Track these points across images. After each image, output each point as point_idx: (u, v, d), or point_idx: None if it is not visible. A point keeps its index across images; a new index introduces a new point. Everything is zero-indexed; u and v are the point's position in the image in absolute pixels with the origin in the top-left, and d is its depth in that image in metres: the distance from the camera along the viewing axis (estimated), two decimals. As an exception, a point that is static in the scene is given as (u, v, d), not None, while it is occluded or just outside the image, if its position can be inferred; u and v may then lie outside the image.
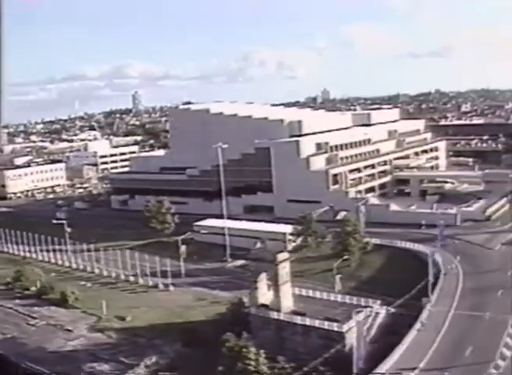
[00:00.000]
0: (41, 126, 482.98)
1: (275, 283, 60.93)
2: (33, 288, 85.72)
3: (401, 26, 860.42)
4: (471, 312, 58.02)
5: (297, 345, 57.17)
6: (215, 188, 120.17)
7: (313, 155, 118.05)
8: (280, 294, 60.63)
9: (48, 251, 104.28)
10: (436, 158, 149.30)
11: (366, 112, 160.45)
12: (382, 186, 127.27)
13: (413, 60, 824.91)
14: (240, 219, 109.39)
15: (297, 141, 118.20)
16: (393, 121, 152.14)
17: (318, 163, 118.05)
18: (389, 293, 66.84)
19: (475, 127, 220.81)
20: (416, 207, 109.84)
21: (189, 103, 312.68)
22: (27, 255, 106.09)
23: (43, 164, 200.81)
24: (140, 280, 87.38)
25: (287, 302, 61.46)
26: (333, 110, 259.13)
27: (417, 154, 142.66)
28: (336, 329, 55.31)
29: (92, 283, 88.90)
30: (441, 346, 50.74)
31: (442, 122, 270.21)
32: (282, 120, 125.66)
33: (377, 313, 58.97)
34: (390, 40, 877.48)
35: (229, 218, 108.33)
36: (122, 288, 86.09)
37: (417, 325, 54.94)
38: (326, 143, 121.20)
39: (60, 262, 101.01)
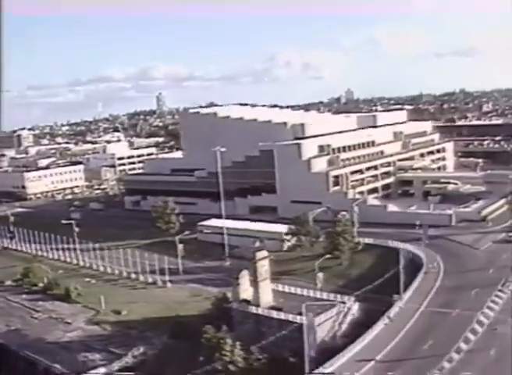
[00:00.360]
0: (67, 128, 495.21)
1: (254, 280, 64.54)
2: (41, 284, 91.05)
3: (427, 26, 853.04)
4: (441, 309, 60.68)
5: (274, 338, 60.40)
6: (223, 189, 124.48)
7: (314, 157, 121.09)
8: (259, 290, 64.31)
9: (58, 249, 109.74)
10: (443, 159, 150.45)
11: (372, 114, 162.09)
12: (386, 187, 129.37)
13: (438, 60, 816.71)
14: (243, 219, 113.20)
15: (299, 144, 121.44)
16: (400, 123, 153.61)
17: (320, 165, 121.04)
18: (376, 290, 69.66)
19: (491, 128, 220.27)
20: (415, 208, 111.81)
21: (212, 104, 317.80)
22: (39, 253, 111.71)
23: (63, 166, 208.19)
24: (141, 277, 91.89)
25: (266, 298, 65.07)
26: (356, 111, 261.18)
27: (422, 155, 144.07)
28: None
29: (96, 280, 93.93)
30: (402, 340, 53.71)
31: (461, 122, 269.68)
32: (285, 123, 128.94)
33: (349, 309, 61.99)
34: (416, 40, 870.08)
35: (235, 218, 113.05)
36: (123, 285, 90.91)
37: (385, 320, 57.88)
38: (328, 145, 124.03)
39: (68, 259, 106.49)
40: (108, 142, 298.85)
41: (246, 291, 66.07)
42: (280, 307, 63.42)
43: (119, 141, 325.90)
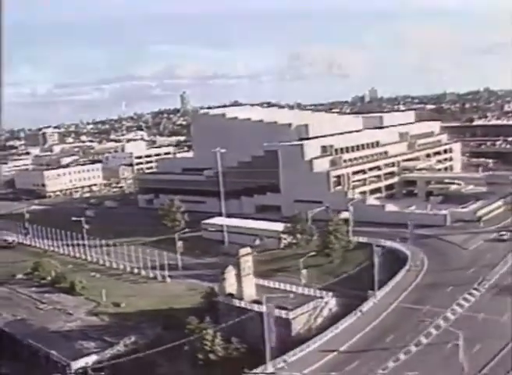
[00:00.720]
0: (92, 126, 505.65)
1: (238, 275, 68.56)
2: (49, 278, 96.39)
3: (453, 23, 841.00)
4: (412, 305, 63.80)
5: (254, 330, 64.20)
6: (229, 188, 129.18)
7: (317, 158, 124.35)
8: (243, 285, 68.26)
9: (68, 245, 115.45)
10: (450, 159, 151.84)
11: (378, 115, 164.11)
12: (390, 187, 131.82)
13: (464, 57, 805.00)
14: (247, 218, 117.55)
15: (301, 144, 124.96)
16: (407, 123, 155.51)
17: (323, 165, 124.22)
18: (364, 287, 72.85)
19: (505, 128, 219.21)
20: (414, 208, 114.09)
21: (236, 103, 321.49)
22: (50, 248, 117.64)
23: (82, 164, 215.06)
24: (143, 272, 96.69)
25: (249, 292, 68.93)
26: (378, 111, 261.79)
27: (428, 156, 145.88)
28: (283, 316, 62.25)
29: (101, 274, 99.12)
30: (368, 333, 57.11)
31: (481, 121, 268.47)
32: (290, 124, 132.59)
33: (326, 303, 65.51)
34: (442, 37, 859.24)
35: (241, 216, 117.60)
36: (126, 279, 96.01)
37: (357, 314, 61.28)
38: (331, 146, 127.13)
39: (78, 255, 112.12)
40: (128, 141, 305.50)
41: (231, 285, 70.16)
42: (261, 301, 67.02)
43: (141, 139, 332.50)
